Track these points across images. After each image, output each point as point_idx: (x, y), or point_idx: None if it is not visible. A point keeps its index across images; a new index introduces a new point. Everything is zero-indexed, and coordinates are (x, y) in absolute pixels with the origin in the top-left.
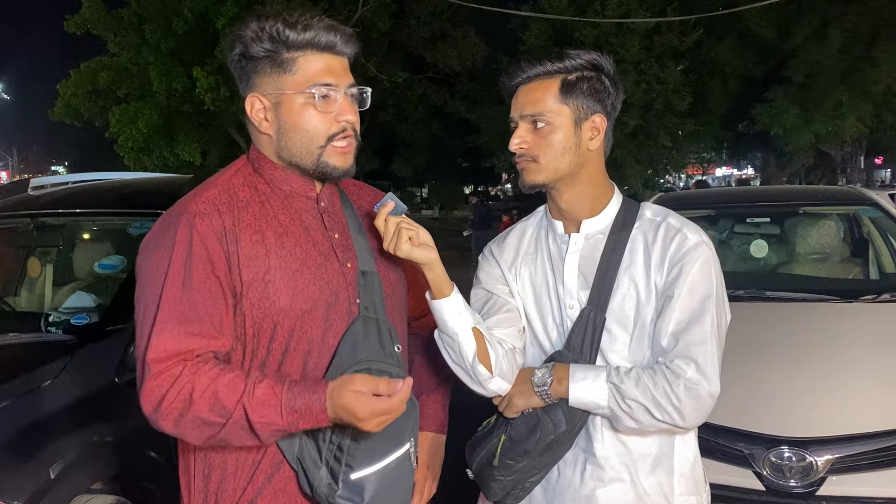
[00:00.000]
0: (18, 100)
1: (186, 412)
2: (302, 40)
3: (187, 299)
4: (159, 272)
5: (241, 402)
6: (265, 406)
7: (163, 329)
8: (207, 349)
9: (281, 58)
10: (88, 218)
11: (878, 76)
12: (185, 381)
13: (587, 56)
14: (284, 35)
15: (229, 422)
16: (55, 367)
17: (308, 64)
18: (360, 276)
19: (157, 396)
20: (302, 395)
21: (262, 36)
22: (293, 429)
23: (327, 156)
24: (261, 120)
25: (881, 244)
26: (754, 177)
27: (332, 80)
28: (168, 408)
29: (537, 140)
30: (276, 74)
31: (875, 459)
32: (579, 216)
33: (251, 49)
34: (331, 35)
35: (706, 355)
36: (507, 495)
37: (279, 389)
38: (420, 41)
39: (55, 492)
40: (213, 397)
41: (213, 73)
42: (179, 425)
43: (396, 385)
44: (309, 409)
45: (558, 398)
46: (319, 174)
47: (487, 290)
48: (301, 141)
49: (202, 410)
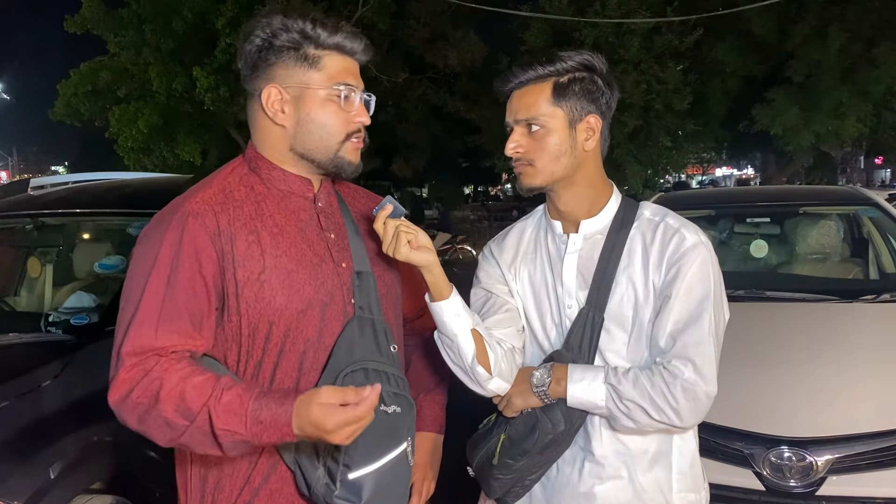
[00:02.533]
0: (18, 100)
1: (151, 409)
2: (331, 42)
3: (169, 296)
4: (145, 267)
5: (206, 405)
6: (230, 413)
7: (142, 323)
8: (184, 348)
9: (307, 52)
10: (88, 218)
11: (878, 76)
12: (154, 376)
13: (578, 57)
14: (316, 33)
15: (192, 426)
16: (55, 367)
17: (333, 63)
18: (354, 277)
19: (126, 389)
20: (269, 407)
21: (292, 27)
22: (257, 441)
23: (345, 151)
24: (276, 111)
25: (881, 244)
26: (754, 177)
27: (353, 82)
28: (134, 402)
29: (533, 144)
30: (301, 68)
31: (875, 459)
32: (578, 217)
33: (278, 38)
34: (355, 42)
35: (704, 356)
36: (507, 493)
37: (247, 398)
38: (420, 41)
39: (55, 492)
40: (180, 398)
41: (213, 73)
42: (144, 422)
43: (363, 392)
44: (274, 422)
45: (557, 398)
46: (334, 168)
47: (487, 290)
48: (320, 135)
49: (167, 410)
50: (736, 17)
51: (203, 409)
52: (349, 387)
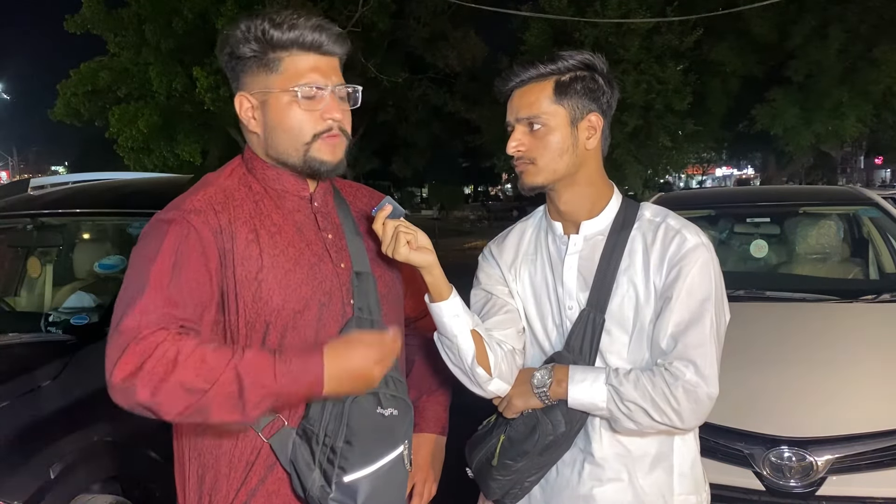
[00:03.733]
0: (18, 100)
1: (168, 377)
2: (287, 40)
3: (175, 282)
4: (150, 254)
5: (231, 362)
6: (257, 367)
7: (148, 302)
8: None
9: (267, 58)
10: (88, 218)
11: (878, 76)
12: (168, 346)
13: (579, 56)
14: (269, 35)
15: (214, 387)
16: (55, 367)
17: (294, 63)
18: (353, 277)
19: (138, 361)
20: (298, 356)
21: (248, 36)
22: (286, 393)
23: (314, 151)
24: (249, 119)
25: (881, 244)
26: (754, 177)
27: (319, 78)
28: (149, 372)
29: (534, 142)
30: (262, 74)
31: (875, 459)
32: (578, 217)
33: (238, 49)
34: (316, 34)
35: (705, 357)
36: (506, 494)
37: (270, 353)
38: (420, 41)
39: (55, 492)
40: (201, 360)
41: (213, 73)
42: (157, 393)
43: (386, 333)
44: (304, 369)
45: (557, 399)
46: (308, 170)
47: (487, 291)
48: (286, 139)
49: (187, 374)
50: (736, 17)
51: (228, 366)
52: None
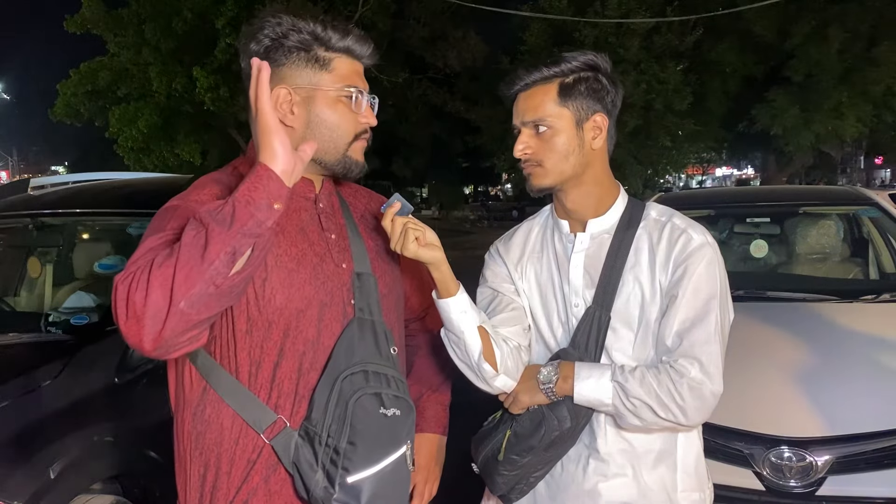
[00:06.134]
0: (18, 100)
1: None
2: (342, 45)
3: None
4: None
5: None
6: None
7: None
8: None
9: (318, 54)
10: (88, 218)
11: (878, 76)
12: (140, 264)
13: (583, 57)
14: (327, 35)
15: (222, 211)
16: (55, 367)
17: (342, 66)
18: (354, 278)
19: (124, 293)
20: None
21: (303, 29)
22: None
23: (352, 151)
24: (286, 112)
25: (881, 244)
26: (754, 177)
27: (361, 84)
28: (134, 289)
29: (541, 144)
30: (311, 69)
31: (875, 459)
32: (585, 216)
33: (289, 39)
34: (363, 46)
35: (710, 355)
36: (512, 490)
37: None
38: (420, 41)
39: (55, 492)
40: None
41: (213, 73)
42: (151, 293)
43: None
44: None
45: (563, 396)
46: (342, 169)
47: (493, 289)
48: (330, 135)
49: (164, 262)
50: (736, 17)
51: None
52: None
